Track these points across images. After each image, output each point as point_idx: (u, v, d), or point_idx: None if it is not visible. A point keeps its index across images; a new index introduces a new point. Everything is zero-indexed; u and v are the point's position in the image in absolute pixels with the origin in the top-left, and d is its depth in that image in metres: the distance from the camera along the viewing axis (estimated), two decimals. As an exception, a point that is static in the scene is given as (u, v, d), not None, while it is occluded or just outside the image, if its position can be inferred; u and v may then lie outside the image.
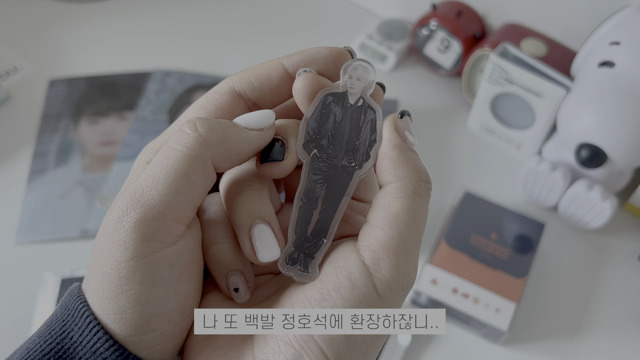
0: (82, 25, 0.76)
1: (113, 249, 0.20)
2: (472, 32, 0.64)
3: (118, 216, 0.20)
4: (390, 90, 0.68)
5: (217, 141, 0.21)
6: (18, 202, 0.58)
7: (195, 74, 0.70)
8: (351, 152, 0.23)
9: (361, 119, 0.23)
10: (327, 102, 0.23)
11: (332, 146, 0.23)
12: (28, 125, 0.65)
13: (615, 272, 0.54)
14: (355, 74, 0.23)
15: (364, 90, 0.23)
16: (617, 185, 0.56)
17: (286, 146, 0.23)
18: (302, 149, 0.23)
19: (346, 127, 0.23)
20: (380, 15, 0.77)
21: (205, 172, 0.21)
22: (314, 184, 0.23)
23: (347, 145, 0.23)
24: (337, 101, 0.23)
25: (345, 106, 0.23)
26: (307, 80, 0.23)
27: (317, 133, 0.23)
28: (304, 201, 0.23)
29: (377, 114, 0.23)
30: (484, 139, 0.64)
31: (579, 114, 0.49)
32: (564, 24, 0.61)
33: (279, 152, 0.23)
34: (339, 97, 0.23)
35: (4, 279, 0.53)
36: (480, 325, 0.48)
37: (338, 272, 0.21)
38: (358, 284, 0.20)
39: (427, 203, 0.22)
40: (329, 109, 0.23)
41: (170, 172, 0.20)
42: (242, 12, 0.78)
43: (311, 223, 0.23)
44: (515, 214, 0.53)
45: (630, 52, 0.48)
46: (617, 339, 0.50)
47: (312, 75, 0.23)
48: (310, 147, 0.23)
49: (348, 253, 0.21)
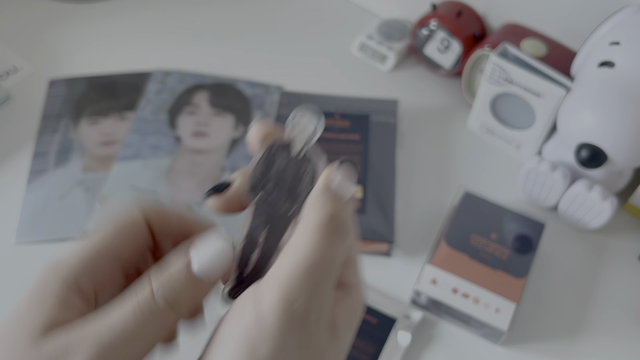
0: (82, 25, 0.76)
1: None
2: (472, 32, 0.64)
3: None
4: (390, 91, 0.68)
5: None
6: (18, 202, 0.58)
7: (195, 74, 0.70)
8: (292, 200, 0.25)
9: (302, 168, 0.25)
10: (273, 151, 0.25)
11: (275, 192, 0.25)
12: (28, 125, 0.65)
13: (615, 272, 0.54)
14: (299, 125, 0.25)
15: (308, 140, 0.25)
16: (617, 185, 0.56)
17: (230, 185, 0.25)
18: (247, 192, 0.25)
19: (288, 176, 0.25)
20: (380, 15, 0.77)
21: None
22: (256, 226, 0.25)
23: (289, 193, 0.25)
24: (282, 151, 0.25)
25: (290, 155, 0.25)
26: (257, 129, 0.25)
27: (261, 179, 0.25)
28: (245, 242, 0.25)
29: (317, 164, 0.25)
30: (484, 139, 0.64)
31: (579, 114, 0.49)
32: (563, 24, 0.61)
33: (222, 186, 0.25)
34: (284, 147, 0.25)
35: (4, 279, 0.53)
36: (480, 325, 0.48)
37: (235, 307, 0.21)
38: (245, 311, 0.20)
39: (336, 243, 0.22)
40: (274, 157, 0.25)
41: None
42: (242, 12, 0.78)
43: (249, 263, 0.25)
44: (515, 214, 0.53)
45: (630, 52, 0.49)
46: (617, 339, 0.50)
47: (262, 125, 0.25)
48: (254, 192, 0.25)
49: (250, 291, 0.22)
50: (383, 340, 0.48)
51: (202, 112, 0.66)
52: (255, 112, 0.66)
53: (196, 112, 0.66)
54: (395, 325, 0.48)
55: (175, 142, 0.63)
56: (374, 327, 0.48)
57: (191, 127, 0.64)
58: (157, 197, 0.58)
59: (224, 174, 0.60)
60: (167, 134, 0.63)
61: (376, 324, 0.49)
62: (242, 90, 0.68)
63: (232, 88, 0.68)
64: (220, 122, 0.65)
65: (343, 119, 0.63)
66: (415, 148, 0.63)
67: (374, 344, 0.48)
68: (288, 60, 0.72)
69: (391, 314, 0.49)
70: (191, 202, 0.58)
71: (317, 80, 0.69)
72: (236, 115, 0.66)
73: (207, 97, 0.67)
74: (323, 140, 0.61)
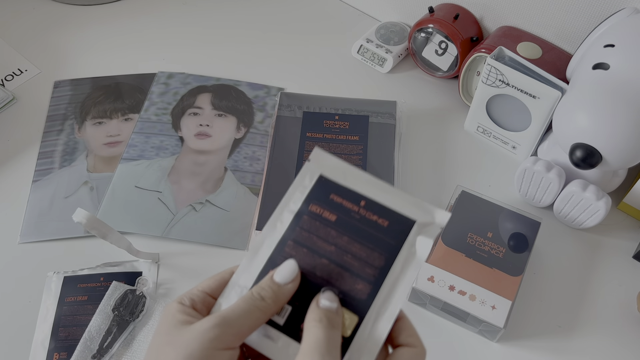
0: (86, 27, 0.77)
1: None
2: (469, 35, 0.65)
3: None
4: (388, 93, 0.69)
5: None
6: (23, 202, 0.59)
7: (198, 76, 0.71)
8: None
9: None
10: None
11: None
12: (33, 126, 0.66)
13: (610, 271, 0.54)
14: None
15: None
16: (612, 185, 0.57)
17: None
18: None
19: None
20: (379, 19, 0.78)
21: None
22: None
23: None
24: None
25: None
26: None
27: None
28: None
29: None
30: (481, 139, 0.65)
31: (574, 115, 0.50)
32: (558, 27, 0.62)
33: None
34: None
35: (9, 278, 0.54)
36: (477, 322, 0.49)
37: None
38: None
39: (328, 329, 0.28)
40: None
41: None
42: (244, 16, 0.79)
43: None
44: (511, 213, 0.54)
45: (624, 55, 0.49)
46: (611, 336, 0.50)
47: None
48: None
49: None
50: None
51: (205, 113, 0.67)
52: (257, 114, 0.67)
53: (199, 113, 0.67)
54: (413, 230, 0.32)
55: (179, 143, 0.64)
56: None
57: (194, 128, 0.65)
58: (161, 196, 0.59)
59: (226, 174, 0.61)
60: (171, 134, 0.65)
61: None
62: (244, 92, 0.69)
63: (234, 90, 0.69)
64: (222, 123, 0.66)
65: (342, 120, 0.64)
66: (413, 148, 0.64)
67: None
68: (289, 62, 0.73)
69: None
70: (194, 201, 0.59)
71: (317, 82, 0.71)
72: (238, 117, 0.67)
73: (210, 98, 0.68)
74: (323, 141, 0.63)
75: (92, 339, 0.49)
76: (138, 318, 0.51)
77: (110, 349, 0.49)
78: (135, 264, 0.54)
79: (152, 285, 0.53)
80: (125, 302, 0.51)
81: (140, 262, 0.54)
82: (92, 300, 0.52)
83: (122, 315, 0.51)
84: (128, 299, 0.51)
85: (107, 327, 0.50)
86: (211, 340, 0.27)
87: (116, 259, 0.54)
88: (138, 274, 0.54)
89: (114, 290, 0.52)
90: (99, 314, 0.50)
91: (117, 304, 0.51)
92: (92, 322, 0.50)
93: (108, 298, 0.51)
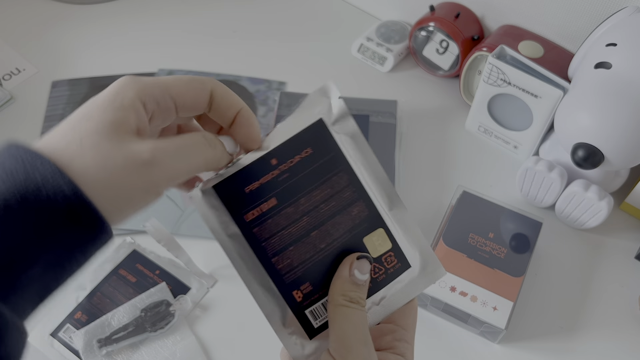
0: (84, 26, 0.77)
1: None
2: (470, 34, 0.65)
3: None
4: (389, 92, 0.69)
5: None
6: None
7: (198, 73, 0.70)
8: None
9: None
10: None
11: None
12: (31, 126, 0.65)
13: (612, 271, 0.54)
14: None
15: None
16: (614, 185, 0.56)
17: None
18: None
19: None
20: (380, 17, 0.77)
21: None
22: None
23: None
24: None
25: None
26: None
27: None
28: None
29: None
30: (482, 139, 0.64)
31: (576, 114, 0.49)
32: (560, 26, 0.61)
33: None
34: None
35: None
36: (478, 323, 0.48)
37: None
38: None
39: (351, 307, 0.28)
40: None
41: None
42: (244, 14, 0.79)
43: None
44: (512, 213, 0.53)
45: (626, 54, 0.49)
46: (613, 337, 0.50)
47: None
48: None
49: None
50: None
51: (204, 112, 0.66)
52: (259, 108, 0.67)
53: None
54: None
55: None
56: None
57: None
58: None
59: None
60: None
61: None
62: (245, 87, 0.69)
63: (235, 84, 0.69)
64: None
65: (343, 119, 0.64)
66: (413, 148, 0.63)
67: None
68: (289, 61, 0.73)
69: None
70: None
71: (317, 81, 0.70)
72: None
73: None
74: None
75: (109, 324, 0.49)
76: (155, 333, 0.49)
77: (116, 343, 0.48)
78: (191, 278, 0.52)
79: (192, 305, 0.51)
80: (155, 311, 0.50)
81: (197, 277, 0.52)
82: (137, 286, 0.51)
83: (145, 321, 0.49)
84: (159, 309, 0.50)
85: (126, 322, 0.49)
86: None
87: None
88: (187, 288, 0.52)
89: (157, 291, 0.51)
90: (129, 306, 0.50)
91: (149, 307, 0.50)
92: (120, 309, 0.49)
93: (147, 296, 0.50)
